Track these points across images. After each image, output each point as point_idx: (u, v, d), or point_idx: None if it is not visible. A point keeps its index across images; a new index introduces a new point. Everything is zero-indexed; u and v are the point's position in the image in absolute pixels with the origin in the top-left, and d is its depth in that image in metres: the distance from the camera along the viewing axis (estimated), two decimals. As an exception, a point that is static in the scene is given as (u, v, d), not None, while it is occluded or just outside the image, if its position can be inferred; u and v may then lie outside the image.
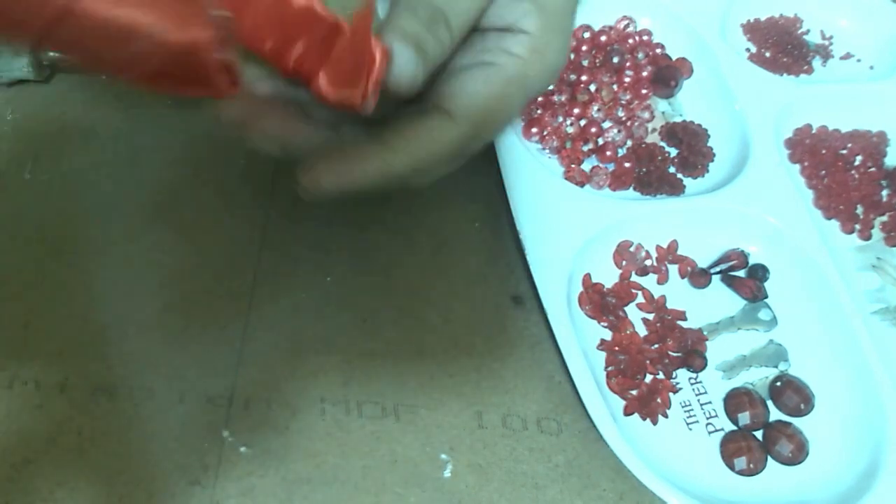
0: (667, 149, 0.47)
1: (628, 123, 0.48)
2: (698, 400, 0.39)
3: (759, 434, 0.38)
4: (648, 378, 0.39)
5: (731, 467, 0.37)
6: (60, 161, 0.43)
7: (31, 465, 0.35)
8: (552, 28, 0.34)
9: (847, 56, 0.54)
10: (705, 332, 0.41)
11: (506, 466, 0.37)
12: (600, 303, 0.41)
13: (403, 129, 0.32)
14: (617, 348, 0.39)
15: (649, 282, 0.42)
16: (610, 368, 0.39)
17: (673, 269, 0.43)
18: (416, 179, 0.34)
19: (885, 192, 0.47)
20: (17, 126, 0.45)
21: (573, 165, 0.46)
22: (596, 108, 0.48)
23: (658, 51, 0.51)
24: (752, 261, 0.43)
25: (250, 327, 0.39)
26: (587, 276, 0.41)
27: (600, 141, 0.47)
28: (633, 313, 0.41)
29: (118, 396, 0.37)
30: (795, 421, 0.38)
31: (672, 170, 0.46)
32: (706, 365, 0.40)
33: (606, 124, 0.47)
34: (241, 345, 0.39)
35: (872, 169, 0.47)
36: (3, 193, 0.43)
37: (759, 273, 0.43)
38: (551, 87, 0.48)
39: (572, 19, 0.36)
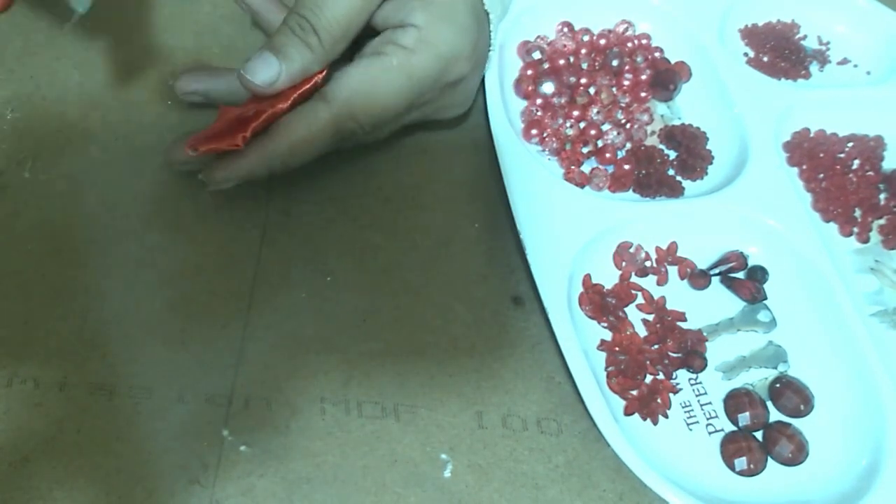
0: (666, 151, 0.47)
1: (627, 126, 0.48)
2: (698, 400, 0.39)
3: (759, 435, 0.38)
4: (649, 378, 0.39)
5: (732, 468, 0.37)
6: (60, 161, 0.43)
7: (29, 463, 0.35)
8: (440, 19, 0.39)
9: (844, 61, 0.54)
10: (705, 334, 0.41)
11: (506, 467, 0.37)
12: (600, 303, 0.41)
13: (286, 117, 0.38)
14: (617, 349, 0.40)
15: (649, 283, 0.42)
16: (610, 369, 0.39)
17: (672, 271, 0.43)
18: (294, 160, 0.39)
19: (882, 196, 0.47)
20: (16, 126, 0.45)
21: (573, 167, 0.46)
22: (595, 110, 0.48)
23: (657, 54, 0.51)
24: (751, 262, 0.43)
25: (250, 327, 0.39)
26: (587, 277, 0.41)
27: (600, 143, 0.47)
28: (633, 314, 0.41)
29: (117, 395, 0.37)
30: (795, 422, 0.38)
31: (671, 172, 0.47)
32: (706, 366, 0.40)
33: (606, 126, 0.47)
34: (241, 345, 0.39)
35: (870, 172, 0.48)
36: (3, 193, 0.43)
37: (758, 275, 0.43)
38: (551, 90, 0.48)
39: (469, 12, 0.41)
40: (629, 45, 0.51)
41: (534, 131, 0.47)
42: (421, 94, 0.40)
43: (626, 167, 0.46)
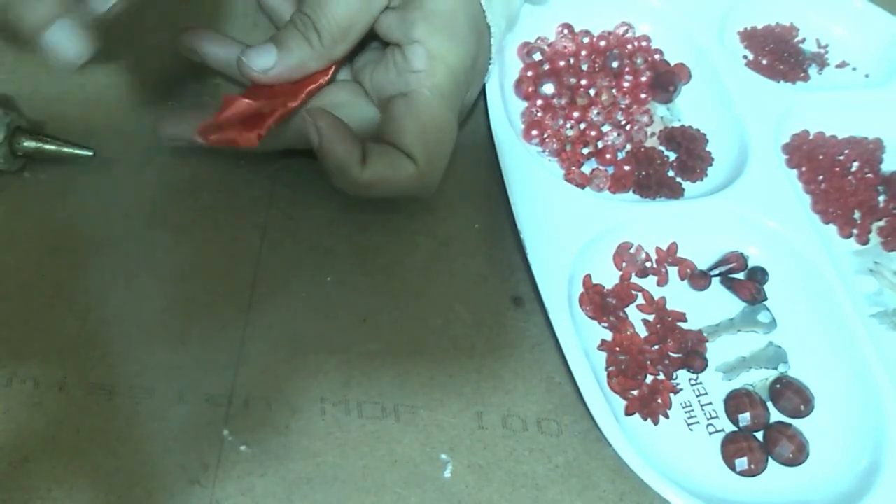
0: (666, 153, 0.48)
1: (627, 127, 0.48)
2: (699, 401, 0.39)
3: (759, 435, 0.38)
4: (649, 379, 0.39)
5: (732, 468, 0.37)
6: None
7: (29, 463, 0.35)
8: (440, 32, 0.40)
9: (843, 64, 0.54)
10: (705, 334, 0.41)
11: (506, 467, 0.37)
12: (601, 304, 0.41)
13: (376, 157, 0.38)
14: (617, 349, 0.40)
15: (649, 283, 0.43)
16: (611, 369, 0.39)
17: (673, 271, 0.43)
18: (366, 194, 0.39)
19: (881, 198, 0.47)
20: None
21: (573, 168, 0.46)
22: (595, 111, 0.48)
23: (657, 56, 0.51)
24: (751, 263, 0.43)
25: (250, 327, 0.39)
26: (587, 277, 0.41)
27: (600, 144, 0.47)
28: (634, 314, 0.41)
29: (117, 395, 0.37)
30: (795, 422, 0.38)
31: (671, 173, 0.47)
32: (706, 366, 0.40)
33: (606, 128, 0.48)
34: (241, 345, 0.39)
35: (869, 175, 0.48)
36: (3, 193, 0.43)
37: (758, 275, 0.43)
38: (552, 91, 0.48)
39: (469, 23, 0.41)
40: (629, 46, 0.52)
41: (534, 132, 0.47)
42: (454, 110, 0.41)
43: (627, 168, 0.46)
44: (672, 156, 0.48)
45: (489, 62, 0.45)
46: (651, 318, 0.41)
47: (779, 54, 0.53)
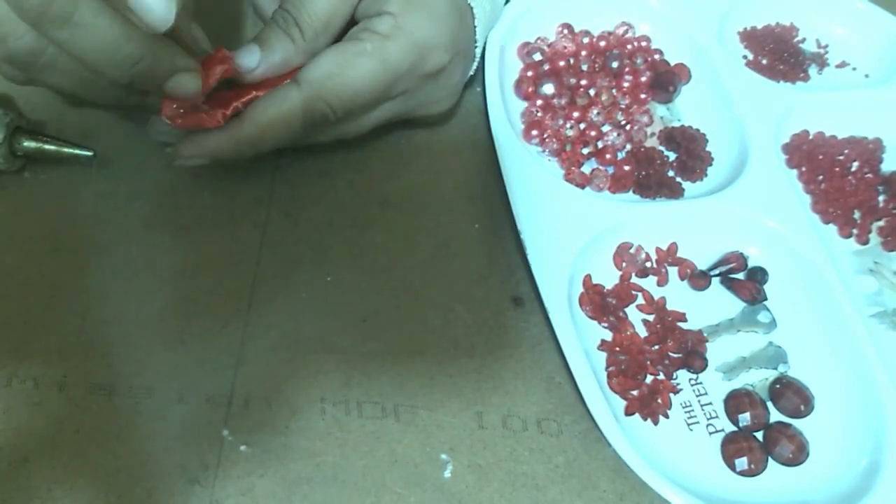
0: (665, 153, 0.48)
1: (627, 127, 0.48)
2: (699, 401, 0.39)
3: (759, 435, 0.38)
4: (649, 379, 0.39)
5: (732, 468, 0.37)
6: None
7: (29, 463, 0.35)
8: (416, 8, 0.40)
9: (843, 64, 0.54)
10: (705, 334, 0.41)
11: (506, 467, 0.37)
12: (601, 304, 0.41)
13: (256, 100, 0.39)
14: (617, 349, 0.40)
15: (649, 283, 0.43)
16: (611, 369, 0.39)
17: (673, 272, 0.43)
18: (264, 143, 0.40)
19: (881, 198, 0.47)
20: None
21: (573, 168, 0.46)
22: (595, 111, 0.48)
23: (657, 56, 0.51)
24: (751, 263, 0.43)
25: (250, 327, 0.39)
26: (587, 278, 0.41)
27: (600, 144, 0.47)
28: (634, 314, 0.41)
29: (117, 395, 0.37)
30: (795, 422, 0.38)
31: (671, 173, 0.47)
32: (706, 366, 0.40)
33: (606, 128, 0.48)
34: (241, 345, 0.39)
35: (869, 175, 0.48)
36: (3, 193, 0.43)
37: (758, 275, 0.43)
38: (551, 91, 0.48)
39: (446, 2, 0.41)
40: (629, 46, 0.52)
41: (534, 132, 0.47)
42: (395, 80, 0.40)
43: (627, 168, 0.46)
44: (672, 156, 0.48)
45: (475, 45, 0.45)
46: (651, 318, 0.41)
47: (779, 54, 0.53)
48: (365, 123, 0.43)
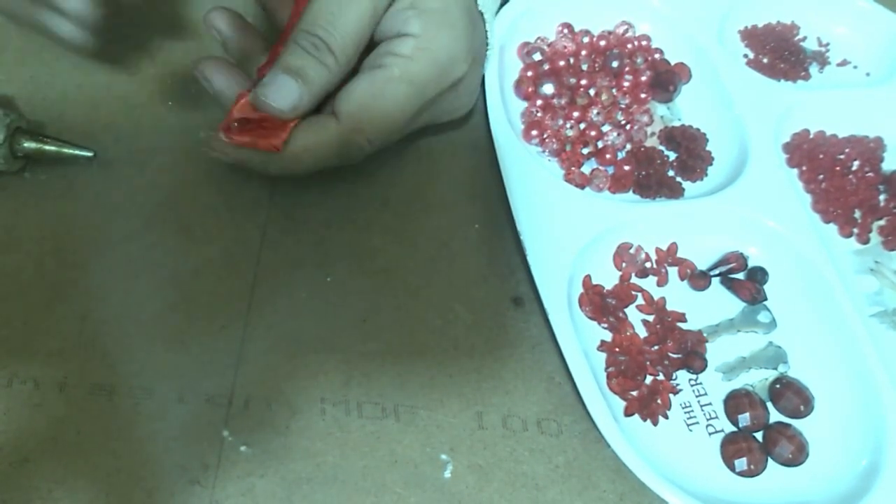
0: (666, 152, 0.47)
1: (627, 127, 0.48)
2: (698, 401, 0.39)
3: (759, 435, 0.38)
4: (649, 379, 0.39)
5: (732, 468, 0.37)
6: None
7: (29, 463, 0.35)
8: (436, 26, 0.39)
9: (844, 63, 0.54)
10: (705, 334, 0.41)
11: (506, 467, 0.37)
12: (600, 304, 0.41)
13: (299, 127, 0.38)
14: (617, 349, 0.40)
15: (649, 284, 0.43)
16: (610, 369, 0.39)
17: (672, 272, 0.43)
18: (294, 167, 0.39)
19: (882, 197, 0.47)
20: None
21: (573, 168, 0.46)
22: (595, 111, 0.48)
23: (657, 56, 0.51)
24: (751, 263, 0.43)
25: (250, 327, 0.39)
26: (587, 278, 0.41)
27: (600, 144, 0.47)
28: (634, 315, 0.41)
29: (117, 395, 0.37)
30: (795, 423, 0.38)
31: (671, 173, 0.47)
32: (706, 366, 0.40)
33: (606, 128, 0.47)
34: (241, 345, 0.39)
35: (870, 174, 0.48)
36: (3, 193, 0.43)
37: (758, 276, 0.43)
38: (551, 92, 0.48)
39: (463, 15, 0.41)
40: (629, 46, 0.51)
41: (534, 132, 0.47)
42: (424, 100, 0.40)
43: (627, 168, 0.46)
44: (672, 155, 0.48)
45: (487, 47, 0.45)
46: (651, 318, 0.41)
47: (779, 53, 0.53)
48: (392, 140, 0.42)
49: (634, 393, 0.38)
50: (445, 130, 0.47)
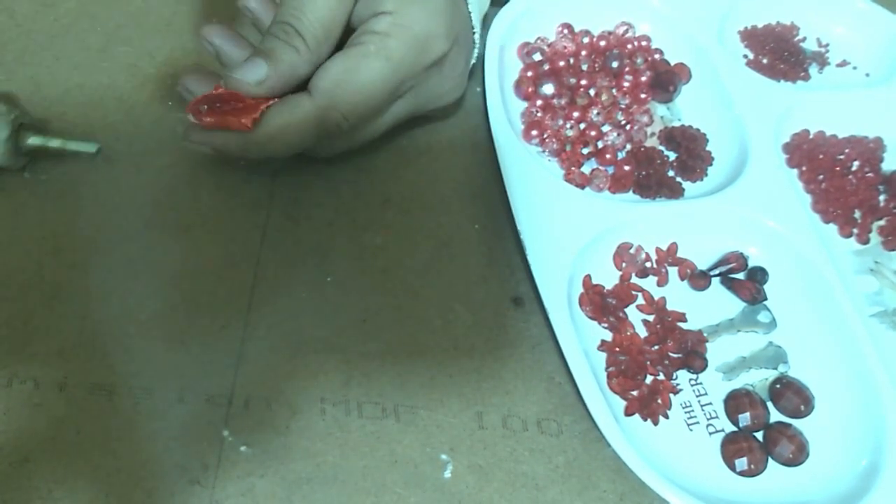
0: (666, 153, 0.48)
1: (627, 127, 0.48)
2: (699, 401, 0.39)
3: (759, 435, 0.38)
4: (649, 379, 0.39)
5: (732, 468, 0.37)
6: (60, 161, 0.43)
7: (29, 463, 0.35)
8: (410, 2, 0.40)
9: (843, 63, 0.54)
10: (705, 334, 0.41)
11: (506, 467, 0.37)
12: (601, 304, 0.41)
13: (273, 106, 0.39)
14: (617, 349, 0.40)
15: (649, 284, 0.43)
16: (611, 369, 0.39)
17: (673, 272, 0.43)
18: (273, 148, 0.40)
19: (882, 197, 0.47)
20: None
21: (573, 168, 0.46)
22: (595, 111, 0.48)
23: (657, 56, 0.51)
24: (751, 263, 0.43)
25: (250, 327, 0.39)
26: (587, 278, 0.41)
27: (600, 144, 0.47)
28: (634, 315, 0.41)
29: (117, 395, 0.37)
30: (795, 422, 0.38)
31: (671, 173, 0.47)
32: (706, 366, 0.40)
33: (606, 128, 0.48)
34: (241, 345, 0.39)
35: (870, 174, 0.48)
36: (3, 193, 0.43)
37: (758, 276, 0.43)
38: (551, 91, 0.48)
39: None
40: (629, 46, 0.52)
41: (534, 132, 0.47)
42: (402, 78, 0.40)
43: (627, 168, 0.46)
44: (672, 156, 0.48)
45: (473, 31, 0.45)
46: (651, 318, 0.41)
47: (779, 53, 0.53)
48: (378, 128, 0.43)
49: (635, 393, 0.38)
50: (445, 130, 0.47)
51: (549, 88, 0.49)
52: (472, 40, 0.45)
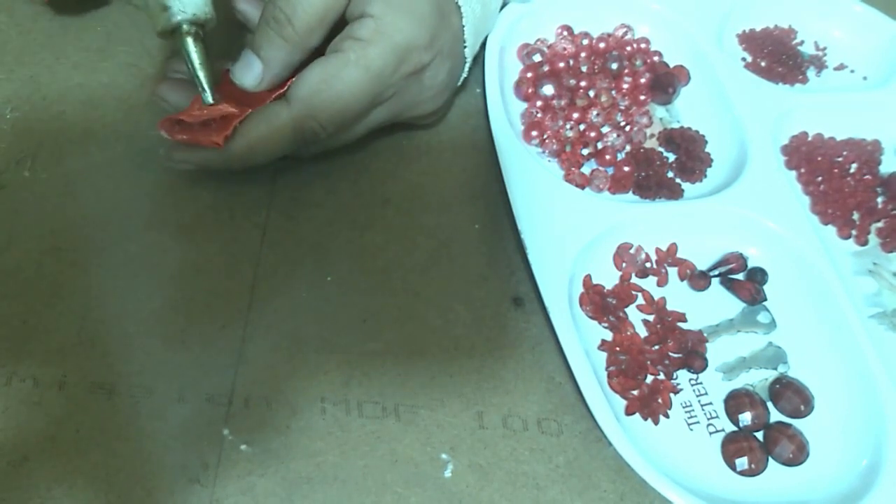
0: (665, 154, 0.48)
1: (627, 128, 0.48)
2: (699, 401, 0.39)
3: (759, 435, 0.38)
4: (649, 379, 0.39)
5: (733, 468, 0.37)
6: (60, 161, 0.43)
7: (28, 462, 0.35)
8: (397, 9, 0.40)
9: (841, 67, 0.54)
10: (705, 334, 0.41)
11: (506, 467, 0.37)
12: (601, 304, 0.41)
13: (251, 117, 0.39)
14: (618, 349, 0.40)
15: (649, 284, 0.43)
16: (611, 369, 0.39)
17: (672, 272, 0.43)
18: (254, 158, 0.40)
19: (880, 199, 0.47)
20: (16, 124, 0.45)
21: (573, 168, 0.46)
22: (595, 112, 0.48)
23: (656, 58, 0.51)
24: (750, 264, 0.44)
25: (250, 327, 0.39)
26: (588, 278, 0.41)
27: (599, 145, 0.47)
28: (634, 315, 0.41)
29: (117, 394, 0.37)
30: (795, 422, 0.38)
31: (671, 174, 0.47)
32: (706, 366, 0.40)
33: (605, 129, 0.48)
34: (241, 345, 0.39)
35: (868, 176, 0.48)
36: (3, 192, 0.43)
37: (757, 276, 0.43)
38: (551, 92, 0.48)
39: (429, 3, 0.41)
40: (628, 48, 0.52)
41: (534, 133, 0.47)
42: (381, 87, 0.40)
43: (626, 169, 0.46)
44: (671, 157, 0.48)
45: (464, 45, 0.44)
46: (651, 318, 0.41)
47: (777, 56, 0.54)
48: (357, 132, 0.43)
49: (635, 392, 0.38)
50: (446, 131, 0.47)
51: (548, 89, 0.49)
52: (461, 54, 0.45)
